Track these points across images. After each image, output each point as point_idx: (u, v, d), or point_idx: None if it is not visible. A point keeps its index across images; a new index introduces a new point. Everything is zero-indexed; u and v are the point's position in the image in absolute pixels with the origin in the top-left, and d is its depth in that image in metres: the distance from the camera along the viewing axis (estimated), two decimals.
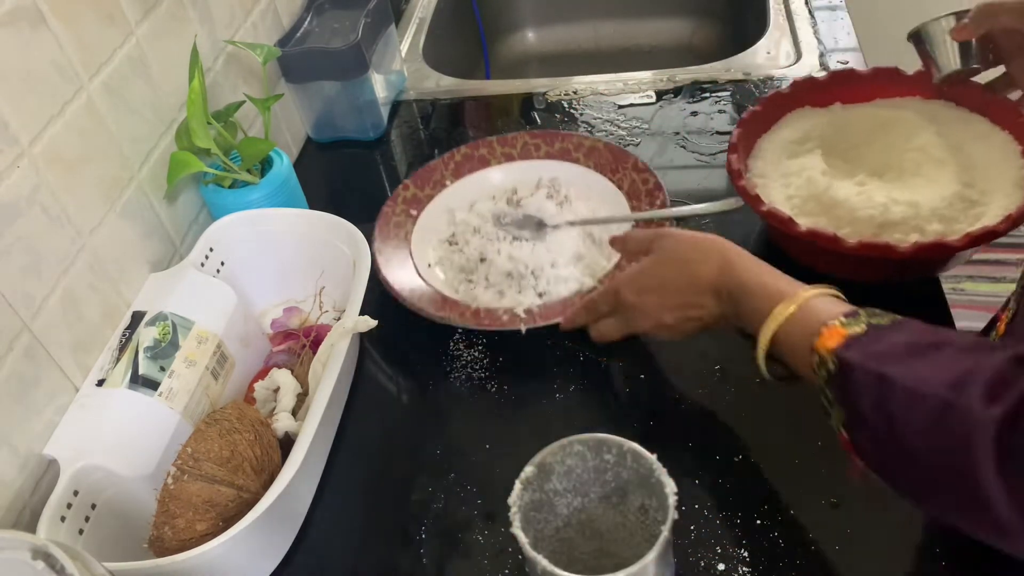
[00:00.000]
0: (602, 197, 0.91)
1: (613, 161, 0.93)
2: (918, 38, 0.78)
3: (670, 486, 0.44)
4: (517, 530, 0.46)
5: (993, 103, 0.80)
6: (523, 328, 0.77)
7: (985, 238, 0.68)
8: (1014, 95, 0.79)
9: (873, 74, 0.87)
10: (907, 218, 0.73)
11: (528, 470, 0.48)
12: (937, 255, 0.72)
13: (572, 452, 0.49)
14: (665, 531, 0.43)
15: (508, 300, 0.81)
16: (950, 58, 0.76)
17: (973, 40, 0.75)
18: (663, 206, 0.86)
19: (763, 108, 0.85)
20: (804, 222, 0.74)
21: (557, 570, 0.43)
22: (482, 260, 0.85)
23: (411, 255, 0.87)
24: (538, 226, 0.88)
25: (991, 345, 0.47)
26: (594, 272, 0.82)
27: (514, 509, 0.47)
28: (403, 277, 0.84)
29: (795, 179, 0.80)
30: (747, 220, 0.83)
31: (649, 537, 0.45)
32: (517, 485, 0.48)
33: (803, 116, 0.87)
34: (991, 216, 0.72)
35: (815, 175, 0.79)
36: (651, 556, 0.42)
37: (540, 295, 0.81)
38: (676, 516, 0.44)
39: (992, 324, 0.74)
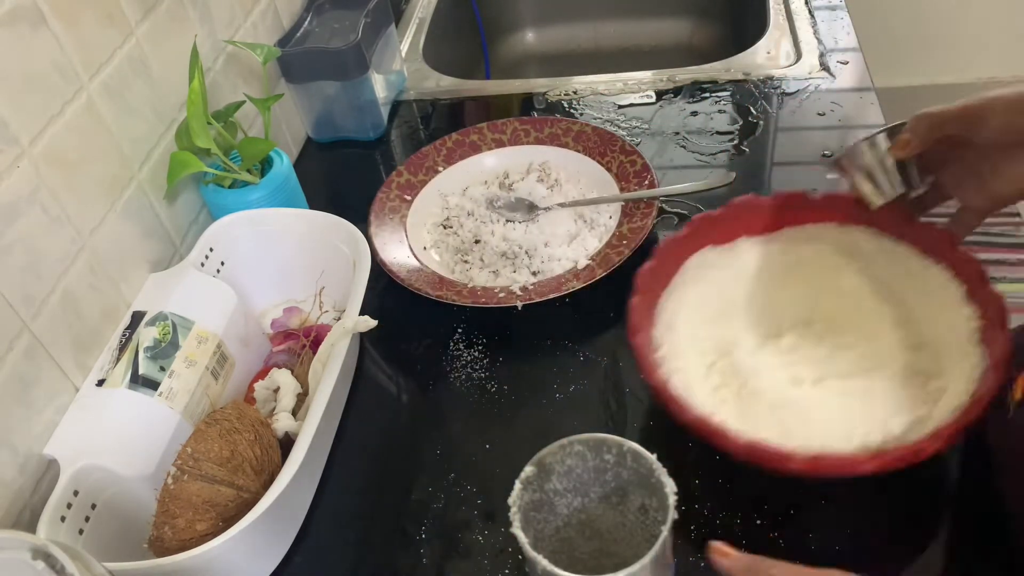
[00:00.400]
0: (591, 179, 0.94)
1: (601, 144, 0.95)
2: (847, 160, 0.66)
3: (670, 486, 0.44)
4: (517, 530, 0.46)
5: (922, 231, 0.68)
6: (519, 305, 0.78)
7: (956, 437, 0.56)
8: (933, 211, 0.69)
9: (777, 201, 0.73)
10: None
11: (528, 470, 0.48)
12: (907, 464, 0.55)
13: (572, 452, 0.49)
14: (665, 531, 0.43)
15: (503, 279, 0.84)
16: (889, 180, 0.65)
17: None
18: (652, 186, 0.88)
19: (658, 261, 0.69)
20: (744, 427, 0.59)
21: (557, 570, 0.43)
22: (476, 241, 0.88)
23: (407, 238, 0.89)
24: (530, 208, 0.90)
25: None
26: (586, 250, 0.84)
27: (514, 509, 0.47)
28: (400, 259, 0.85)
29: (718, 360, 0.66)
30: None
31: (649, 537, 0.45)
32: (517, 485, 0.48)
33: (705, 261, 0.72)
34: (954, 393, 0.59)
35: (743, 359, 0.65)
36: (650, 556, 0.42)
37: (534, 274, 0.84)
38: (676, 516, 0.44)
39: (1009, 384, 0.64)
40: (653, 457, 0.45)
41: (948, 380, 0.61)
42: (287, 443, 0.66)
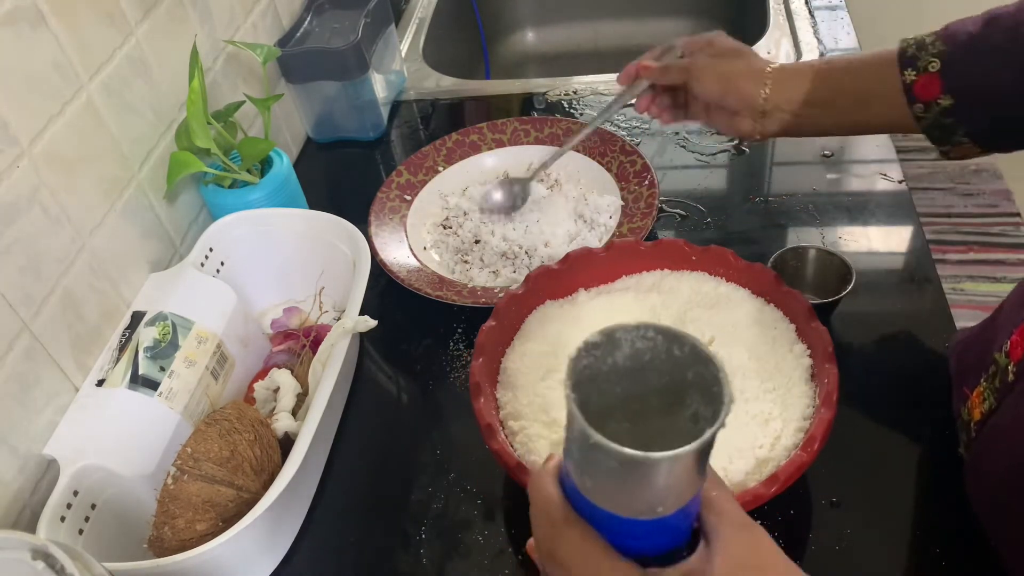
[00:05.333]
0: (591, 179, 0.94)
1: (601, 144, 0.95)
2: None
3: (728, 394, 0.41)
4: (568, 386, 0.41)
5: (750, 272, 0.70)
6: None
7: (793, 479, 0.56)
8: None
9: (611, 250, 0.74)
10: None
11: (595, 335, 0.42)
12: (748, 509, 0.53)
13: (645, 336, 0.43)
14: (712, 430, 0.40)
15: (503, 279, 0.84)
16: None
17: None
18: (652, 186, 0.88)
19: (498, 321, 0.69)
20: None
21: (602, 438, 0.37)
22: (476, 242, 0.88)
23: (407, 238, 0.89)
24: (516, 191, 0.89)
25: None
26: None
27: (570, 366, 0.42)
28: (400, 260, 0.86)
29: (558, 417, 0.64)
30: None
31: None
32: (579, 345, 0.44)
33: (545, 316, 0.72)
34: (789, 433, 0.60)
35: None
36: (695, 446, 0.37)
37: None
38: (724, 425, 0.38)
39: (963, 398, 0.64)
40: (721, 364, 0.42)
41: (784, 420, 0.61)
42: (287, 443, 0.66)
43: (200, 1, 0.85)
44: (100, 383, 0.66)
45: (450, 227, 0.91)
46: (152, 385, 0.66)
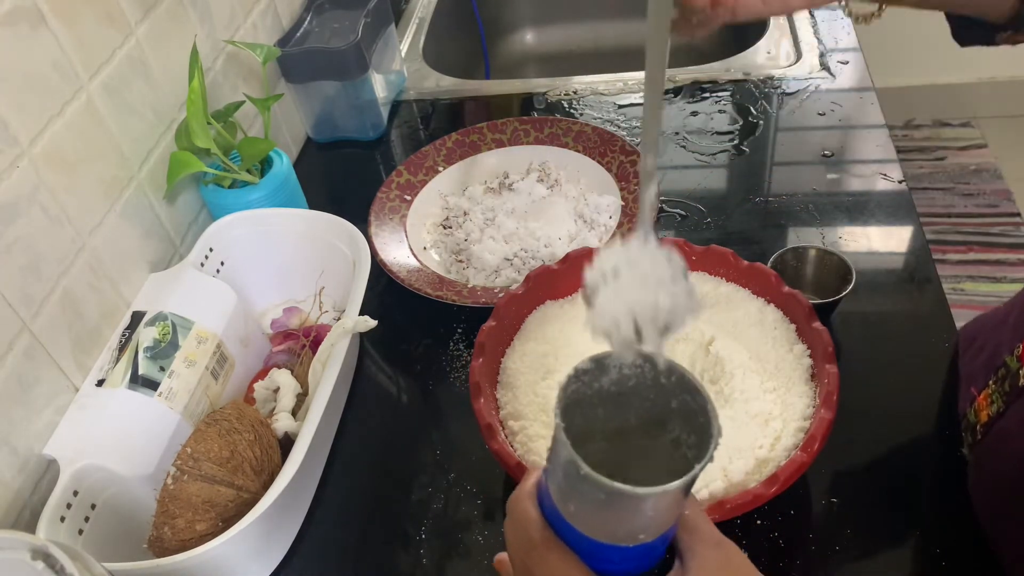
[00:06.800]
0: (591, 179, 0.94)
1: (601, 144, 0.95)
2: None
3: (717, 429, 0.41)
4: (558, 415, 0.41)
5: (751, 272, 0.70)
6: None
7: (793, 479, 0.56)
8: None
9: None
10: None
11: (585, 362, 0.45)
12: (747, 510, 0.56)
13: (634, 363, 0.44)
14: (699, 468, 0.40)
15: (503, 279, 0.84)
16: None
17: None
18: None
19: (498, 321, 0.69)
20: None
21: (589, 470, 0.37)
22: (476, 242, 0.88)
23: (406, 238, 0.89)
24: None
25: None
26: None
27: (561, 393, 0.43)
28: (400, 259, 0.86)
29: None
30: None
31: (672, 473, 0.42)
32: (569, 372, 0.44)
33: (545, 316, 0.72)
34: (788, 432, 0.61)
35: None
36: (680, 483, 0.39)
37: None
38: (712, 461, 0.41)
39: (969, 399, 0.64)
40: (710, 396, 0.43)
41: (784, 420, 0.61)
42: (287, 443, 0.66)
43: (200, 1, 0.85)
44: (100, 383, 0.66)
45: (450, 227, 0.91)
46: (152, 385, 0.66)
